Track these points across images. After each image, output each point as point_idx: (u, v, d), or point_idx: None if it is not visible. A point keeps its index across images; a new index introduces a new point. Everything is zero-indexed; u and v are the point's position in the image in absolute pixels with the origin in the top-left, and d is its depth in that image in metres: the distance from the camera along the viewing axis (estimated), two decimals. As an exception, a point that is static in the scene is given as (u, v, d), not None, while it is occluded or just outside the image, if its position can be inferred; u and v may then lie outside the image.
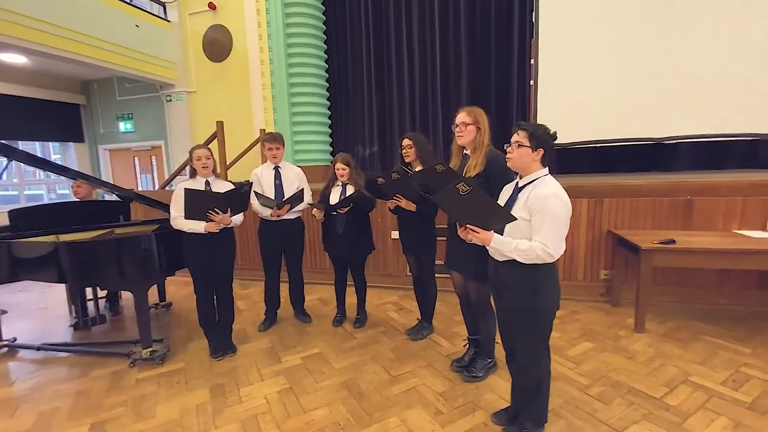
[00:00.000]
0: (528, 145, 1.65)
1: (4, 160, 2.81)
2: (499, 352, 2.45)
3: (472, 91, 5.69)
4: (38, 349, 2.98)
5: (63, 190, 8.33)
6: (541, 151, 1.66)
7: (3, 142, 2.71)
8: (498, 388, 2.29)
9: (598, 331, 3.01)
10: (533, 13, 4.47)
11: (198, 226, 2.53)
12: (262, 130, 5.60)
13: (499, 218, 1.59)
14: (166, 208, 3.26)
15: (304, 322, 3.35)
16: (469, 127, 2.13)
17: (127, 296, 3.99)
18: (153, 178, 7.28)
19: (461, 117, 2.15)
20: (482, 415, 2.07)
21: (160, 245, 2.71)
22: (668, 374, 2.40)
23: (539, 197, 1.60)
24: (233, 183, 2.81)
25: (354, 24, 6.17)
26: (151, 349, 2.74)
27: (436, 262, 2.87)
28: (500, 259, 1.73)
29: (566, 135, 4.36)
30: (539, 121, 4.56)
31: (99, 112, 7.25)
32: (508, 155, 1.72)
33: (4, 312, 3.51)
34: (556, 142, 1.69)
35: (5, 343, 3.03)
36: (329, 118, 6.37)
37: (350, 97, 6.35)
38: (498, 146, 2.15)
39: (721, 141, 4.14)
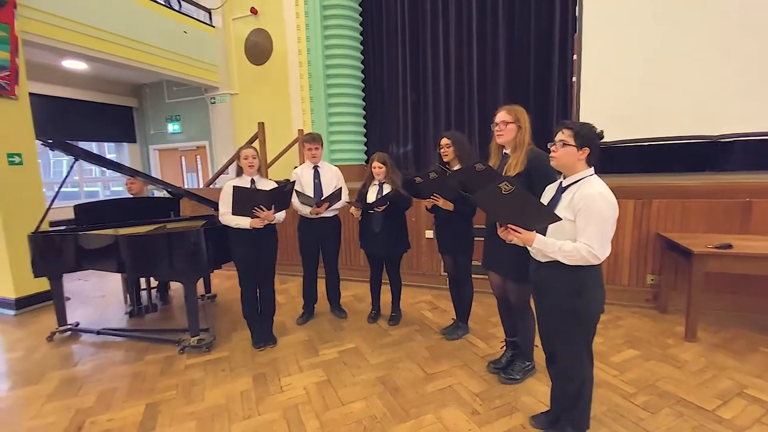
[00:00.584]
0: (573, 143, 1.61)
1: (69, 160, 3.07)
2: (538, 355, 2.42)
3: (510, 88, 5.59)
4: (98, 333, 3.24)
5: (117, 187, 8.95)
6: (586, 150, 1.62)
7: (72, 143, 2.96)
8: (536, 392, 2.25)
9: (644, 339, 2.88)
10: (576, 7, 4.32)
11: (244, 222, 2.66)
12: (300, 131, 5.77)
13: (543, 218, 1.56)
14: (212, 204, 3.45)
15: (340, 317, 3.43)
16: (509, 125, 2.10)
17: (175, 287, 4.25)
18: (198, 177, 7.67)
19: (501, 115, 2.13)
20: (520, 417, 2.04)
21: (208, 240, 2.86)
22: (722, 386, 2.27)
23: (584, 197, 1.56)
24: (276, 182, 2.92)
25: (390, 22, 6.22)
26: (198, 337, 2.91)
27: (473, 262, 2.85)
28: (542, 260, 1.71)
29: (611, 133, 4.16)
30: (582, 118, 4.42)
31: (150, 115, 7.74)
32: (551, 154, 1.69)
33: (67, 299, 3.82)
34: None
35: (69, 327, 3.31)
36: (364, 117, 6.46)
37: (385, 96, 6.41)
38: (538, 145, 2.11)
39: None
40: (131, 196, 3.90)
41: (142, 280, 3.78)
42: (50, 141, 2.77)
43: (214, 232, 2.92)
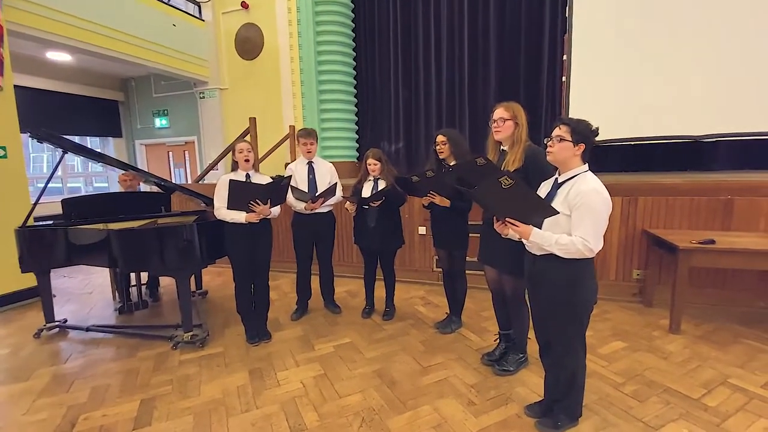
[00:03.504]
0: (570, 139, 1.66)
1: (50, 156, 3.00)
2: (531, 347, 2.48)
3: (501, 87, 5.66)
4: (87, 330, 3.18)
5: (100, 183, 8.74)
6: (582, 147, 1.67)
7: (61, 136, 2.89)
8: (529, 382, 2.31)
9: (630, 331, 2.97)
10: (567, 8, 4.40)
11: (239, 216, 2.65)
12: (292, 127, 5.74)
13: (541, 212, 1.60)
14: (207, 199, 3.42)
15: (334, 312, 3.44)
16: (507, 122, 2.14)
17: (164, 284, 4.19)
18: (186, 173, 7.55)
19: (499, 112, 2.17)
20: (515, 407, 2.09)
21: (201, 235, 2.84)
22: (706, 376, 2.36)
23: (580, 192, 1.61)
24: (271, 177, 2.92)
25: (382, 21, 6.23)
26: (192, 333, 2.88)
27: (467, 258, 2.89)
28: (538, 253, 1.75)
29: (599, 131, 4.28)
30: (571, 116, 4.50)
31: (136, 109, 7.58)
32: (548, 149, 1.73)
33: (53, 296, 3.74)
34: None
35: (57, 323, 3.23)
36: (356, 114, 6.46)
37: (377, 93, 6.42)
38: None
39: (763, 139, 3.99)
40: (123, 190, 3.84)
41: (132, 276, 3.73)
42: (39, 133, 2.71)
43: (207, 227, 2.90)
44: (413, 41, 6.08)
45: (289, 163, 5.82)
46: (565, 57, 4.52)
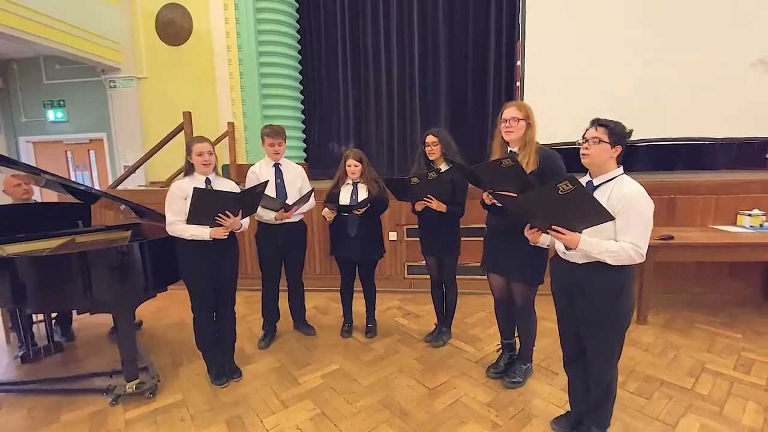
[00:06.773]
0: (608, 141, 1.59)
1: None
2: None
3: (451, 87, 5.68)
4: (-25, 390, 2.36)
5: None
6: (619, 149, 1.61)
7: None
8: (542, 393, 2.23)
9: (606, 326, 3.09)
10: (520, 14, 4.53)
11: (201, 232, 2.15)
12: (231, 124, 5.10)
13: (598, 217, 1.48)
14: (143, 210, 2.80)
15: (309, 334, 3.05)
16: (520, 122, 2.02)
17: (80, 317, 3.35)
18: (91, 177, 6.31)
19: (511, 112, 2.03)
20: (540, 423, 1.98)
21: (146, 256, 2.27)
22: (686, 364, 2.51)
23: (625, 196, 1.54)
24: (235, 181, 2.45)
25: (329, 16, 5.87)
26: (137, 381, 2.29)
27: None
28: (580, 262, 1.64)
29: (549, 135, 4.47)
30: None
31: (20, 98, 6.09)
32: (584, 151, 1.65)
33: None
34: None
35: None
36: (302, 113, 5.99)
37: (324, 91, 6.04)
38: (476, 149, 2.10)
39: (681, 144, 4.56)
40: (14, 202, 2.95)
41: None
42: None
43: (153, 245, 2.33)
44: (361, 37, 5.83)
45: (225, 164, 5.17)
46: (518, 63, 4.66)
